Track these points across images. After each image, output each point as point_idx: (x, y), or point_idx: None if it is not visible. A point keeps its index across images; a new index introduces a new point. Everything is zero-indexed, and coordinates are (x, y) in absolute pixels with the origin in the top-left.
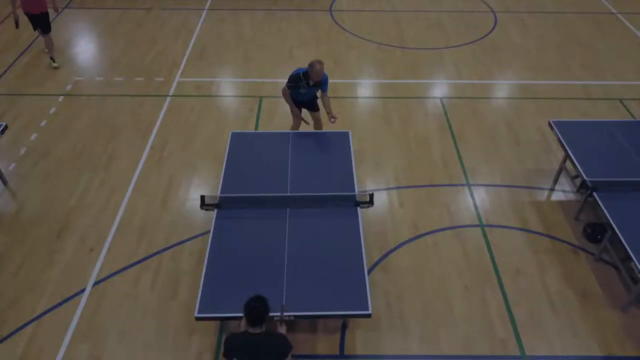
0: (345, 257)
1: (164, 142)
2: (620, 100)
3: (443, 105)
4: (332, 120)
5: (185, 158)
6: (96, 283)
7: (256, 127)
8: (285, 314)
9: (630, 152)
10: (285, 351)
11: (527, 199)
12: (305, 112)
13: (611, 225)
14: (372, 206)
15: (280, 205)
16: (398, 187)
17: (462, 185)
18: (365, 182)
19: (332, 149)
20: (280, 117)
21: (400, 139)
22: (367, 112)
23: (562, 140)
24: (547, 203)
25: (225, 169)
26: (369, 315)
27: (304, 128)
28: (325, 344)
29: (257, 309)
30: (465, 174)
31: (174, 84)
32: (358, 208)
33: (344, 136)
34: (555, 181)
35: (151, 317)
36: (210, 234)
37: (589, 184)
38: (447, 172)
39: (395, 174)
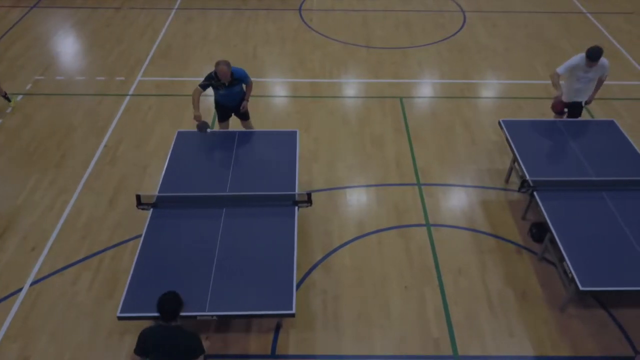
0: (275, 257)
1: (118, 141)
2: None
3: (402, 105)
4: (242, 109)
5: (137, 157)
6: (34, 282)
7: (212, 126)
8: (208, 313)
9: (576, 152)
10: (194, 350)
11: (477, 198)
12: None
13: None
14: (310, 205)
15: (216, 205)
16: (349, 187)
17: (413, 184)
18: (317, 181)
19: (278, 148)
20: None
21: (356, 139)
22: (326, 112)
23: (509, 140)
24: (496, 203)
25: (167, 168)
26: (292, 315)
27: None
28: (257, 344)
29: (169, 304)
30: (416, 173)
31: (135, 83)
32: (296, 208)
33: (291, 135)
34: (507, 181)
35: (86, 316)
36: (143, 234)
37: (531, 183)
38: (399, 172)
39: (348, 173)
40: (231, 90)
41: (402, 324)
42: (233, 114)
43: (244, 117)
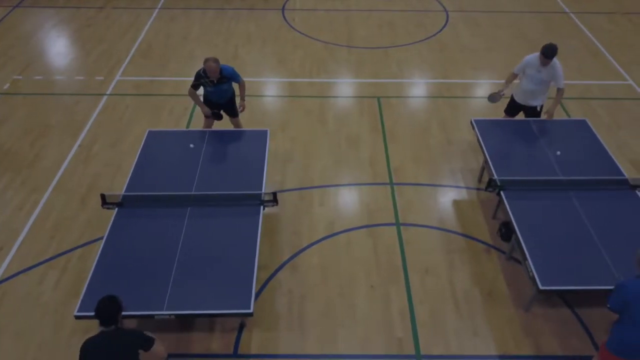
0: (237, 256)
1: (93, 141)
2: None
3: (379, 105)
4: (240, 109)
5: (111, 157)
6: (0, 282)
7: (187, 126)
8: (165, 312)
9: (546, 151)
10: (140, 345)
11: (449, 198)
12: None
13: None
14: (276, 205)
15: (181, 204)
16: (321, 186)
17: (385, 184)
18: (290, 180)
19: (248, 147)
20: None
21: (332, 138)
22: (304, 112)
23: (480, 138)
24: (468, 202)
25: (135, 167)
26: (250, 314)
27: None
28: (220, 343)
29: (106, 309)
30: (390, 173)
31: (113, 83)
32: (262, 207)
33: (262, 134)
34: (479, 180)
35: (50, 315)
36: (106, 233)
37: (498, 183)
38: (372, 171)
39: (321, 173)
40: (219, 87)
41: (366, 324)
42: (222, 111)
43: (234, 114)
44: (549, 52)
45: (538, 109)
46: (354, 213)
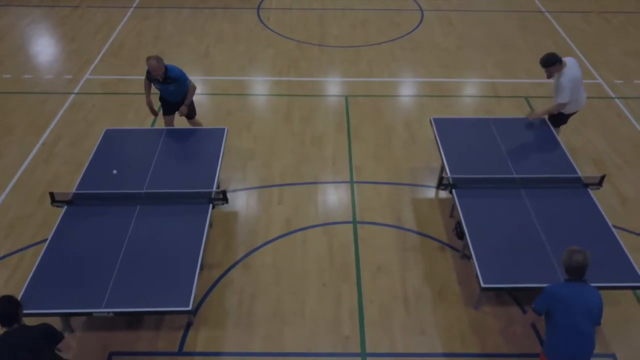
0: (181, 254)
1: (57, 140)
2: (526, 98)
3: (347, 104)
4: (180, 113)
5: (73, 155)
6: None
7: (152, 125)
8: (104, 310)
9: (502, 150)
10: (48, 338)
11: (408, 196)
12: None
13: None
14: (226, 203)
15: (130, 203)
16: (281, 185)
17: (346, 182)
18: (251, 179)
19: (204, 145)
20: None
21: (296, 137)
22: (270, 110)
23: (437, 137)
24: (426, 200)
25: (88, 165)
26: (189, 312)
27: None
28: (166, 341)
29: (3, 309)
30: (351, 171)
31: (81, 82)
32: (210, 206)
33: (219, 133)
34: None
35: None
36: (53, 231)
37: (451, 181)
38: (334, 170)
39: (282, 171)
40: (166, 87)
41: (315, 322)
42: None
43: (187, 116)
44: (541, 62)
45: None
46: (312, 211)
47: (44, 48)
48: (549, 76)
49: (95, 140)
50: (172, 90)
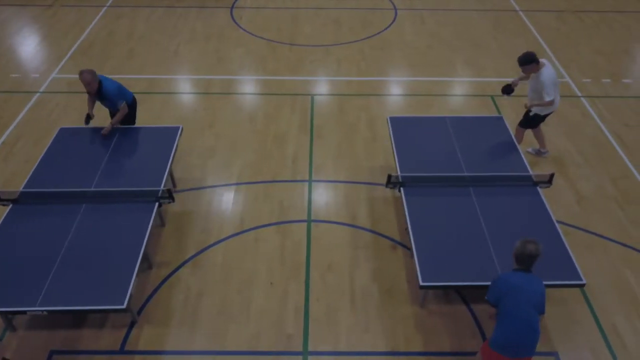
0: (122, 252)
1: (17, 139)
2: (492, 97)
3: (312, 103)
4: (102, 133)
5: (32, 154)
6: None
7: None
8: (38, 309)
9: (455, 148)
10: None
11: (365, 194)
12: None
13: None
14: (172, 202)
15: (77, 201)
16: (239, 183)
17: (304, 181)
18: (209, 178)
19: (157, 144)
20: (143, 112)
21: (258, 136)
22: (234, 109)
23: (391, 136)
24: (382, 199)
25: (38, 164)
26: (124, 310)
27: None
28: (109, 340)
29: None
30: (310, 170)
31: (48, 81)
32: (157, 204)
33: (173, 131)
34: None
35: None
36: None
37: (400, 179)
38: (293, 168)
39: (241, 170)
40: (101, 101)
41: (259, 320)
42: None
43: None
44: (519, 61)
45: (530, 114)
46: (268, 210)
47: (13, 47)
48: (526, 76)
49: None
50: (107, 106)
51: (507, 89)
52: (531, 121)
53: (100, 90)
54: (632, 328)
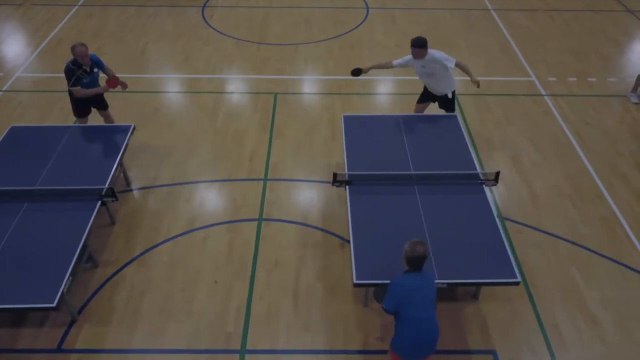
0: (59, 251)
1: None
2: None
3: (275, 101)
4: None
5: None
6: None
7: (75, 122)
8: None
9: (405, 147)
10: None
11: (319, 193)
12: None
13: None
14: (115, 200)
15: (18, 200)
16: (193, 182)
17: (259, 179)
18: (163, 176)
19: (107, 142)
20: None
21: (218, 134)
22: (196, 108)
23: (343, 134)
24: (336, 198)
25: None
26: (54, 308)
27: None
28: (47, 339)
29: None
30: (267, 168)
31: (12, 80)
32: (99, 202)
33: (125, 129)
34: None
35: None
36: None
37: (346, 177)
38: (250, 167)
39: (197, 168)
40: (93, 75)
41: (200, 319)
42: (92, 107)
43: (104, 105)
44: (414, 43)
45: (449, 96)
46: (220, 209)
47: None
48: (421, 58)
49: None
50: (96, 77)
51: (356, 72)
52: (453, 102)
53: (92, 61)
54: (574, 327)
